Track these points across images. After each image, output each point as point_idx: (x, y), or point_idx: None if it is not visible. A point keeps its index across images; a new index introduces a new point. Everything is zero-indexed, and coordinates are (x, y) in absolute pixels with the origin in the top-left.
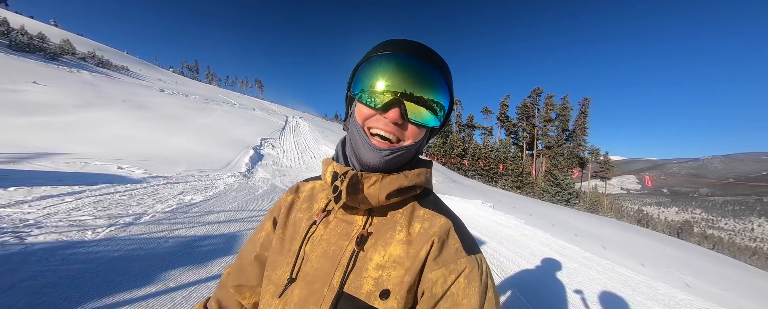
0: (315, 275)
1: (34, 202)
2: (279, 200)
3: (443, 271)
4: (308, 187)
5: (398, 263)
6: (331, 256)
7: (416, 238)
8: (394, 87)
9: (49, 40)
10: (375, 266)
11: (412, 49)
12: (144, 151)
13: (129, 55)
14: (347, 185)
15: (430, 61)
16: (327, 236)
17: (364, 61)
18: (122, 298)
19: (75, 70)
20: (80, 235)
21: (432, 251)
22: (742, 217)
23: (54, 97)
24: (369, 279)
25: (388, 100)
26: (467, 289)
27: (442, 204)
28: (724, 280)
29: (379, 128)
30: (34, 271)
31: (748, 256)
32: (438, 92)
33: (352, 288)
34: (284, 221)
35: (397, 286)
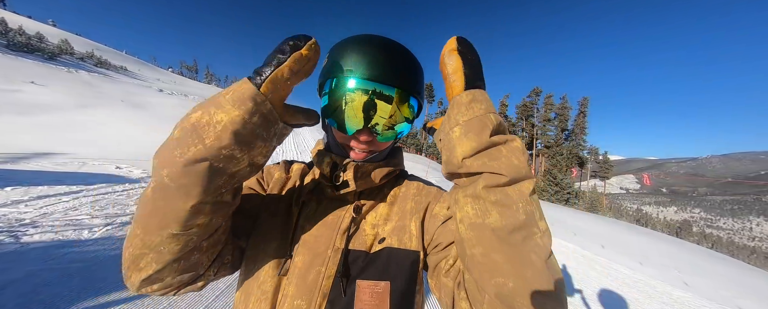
0: (316, 242)
1: (31, 201)
2: (270, 168)
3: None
4: (296, 167)
5: (387, 219)
6: (329, 224)
7: (398, 198)
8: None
9: (47, 40)
10: (370, 226)
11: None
12: (142, 151)
13: (127, 55)
14: (353, 174)
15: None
16: (322, 210)
17: (333, 77)
18: (118, 297)
19: (73, 70)
20: (76, 235)
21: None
22: (740, 216)
23: (52, 97)
24: (368, 236)
25: (356, 128)
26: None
27: (419, 178)
28: (723, 279)
29: (354, 146)
30: (29, 270)
31: (747, 255)
32: (407, 105)
33: (356, 245)
34: (274, 197)
35: (394, 233)
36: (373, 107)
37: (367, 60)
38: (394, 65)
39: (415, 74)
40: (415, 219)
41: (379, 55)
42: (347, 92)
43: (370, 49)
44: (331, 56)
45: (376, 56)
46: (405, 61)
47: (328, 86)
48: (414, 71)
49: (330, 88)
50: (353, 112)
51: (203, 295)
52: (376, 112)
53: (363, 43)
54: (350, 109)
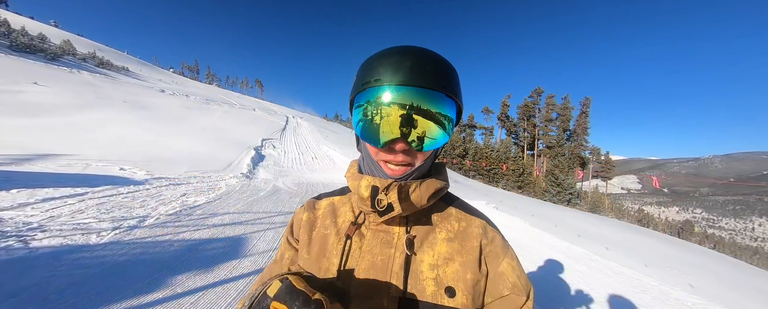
0: (368, 289)
1: (37, 204)
2: (293, 221)
3: (507, 261)
4: (325, 203)
5: (449, 259)
6: (380, 267)
7: (458, 235)
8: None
9: (49, 41)
10: (428, 267)
11: (408, 76)
12: (145, 152)
13: (129, 56)
14: (398, 195)
15: (431, 83)
16: (368, 248)
17: (361, 90)
18: (130, 305)
19: (76, 70)
20: (85, 239)
21: (484, 248)
22: (742, 216)
23: (55, 97)
24: (428, 281)
25: (390, 138)
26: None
27: (467, 204)
28: (727, 281)
29: (389, 161)
30: (40, 277)
31: (750, 256)
32: (444, 108)
33: (414, 292)
34: (307, 241)
35: (461, 282)
36: (406, 115)
37: (392, 67)
38: (422, 67)
39: (448, 75)
40: (483, 270)
41: (404, 59)
42: (374, 103)
43: (394, 56)
44: (359, 73)
45: (401, 61)
46: (434, 63)
47: (356, 102)
48: (446, 71)
49: (358, 102)
50: (383, 122)
51: (215, 303)
52: (411, 119)
53: (386, 53)
54: (379, 121)
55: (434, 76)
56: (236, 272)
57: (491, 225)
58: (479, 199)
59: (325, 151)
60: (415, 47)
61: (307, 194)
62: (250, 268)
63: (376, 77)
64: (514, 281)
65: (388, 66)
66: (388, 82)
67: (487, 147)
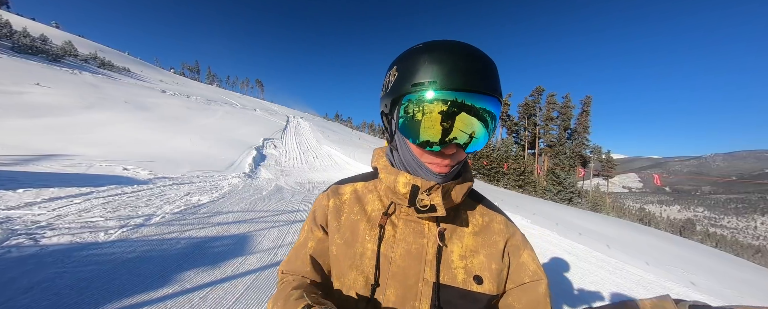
0: (405, 274)
1: (43, 203)
2: (317, 206)
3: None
4: (348, 189)
5: (474, 251)
6: (415, 255)
7: (483, 229)
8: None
9: (51, 42)
10: (458, 257)
11: (464, 79)
12: (148, 152)
13: (130, 56)
14: (442, 197)
15: (486, 88)
16: (402, 236)
17: (412, 91)
18: (140, 300)
19: (77, 71)
20: (93, 237)
21: (509, 240)
22: (744, 214)
23: (57, 98)
24: (459, 270)
25: (442, 140)
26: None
27: (489, 200)
28: (729, 279)
29: (436, 162)
30: (51, 273)
31: (751, 254)
32: (493, 109)
33: (446, 279)
34: (337, 226)
35: (487, 271)
36: (460, 118)
37: (448, 68)
38: (477, 69)
39: (496, 75)
40: (505, 261)
41: (460, 61)
42: (428, 103)
43: (450, 57)
44: (403, 68)
45: (458, 63)
46: (485, 64)
47: (405, 100)
48: (495, 72)
49: (408, 100)
50: (437, 123)
51: (224, 298)
52: (463, 120)
53: (441, 51)
54: (433, 121)
55: (488, 79)
56: (243, 268)
57: (510, 220)
58: None
59: (327, 151)
60: (464, 45)
61: (310, 193)
62: (256, 265)
63: (431, 79)
64: (534, 270)
65: (443, 67)
66: (445, 86)
67: (487, 146)
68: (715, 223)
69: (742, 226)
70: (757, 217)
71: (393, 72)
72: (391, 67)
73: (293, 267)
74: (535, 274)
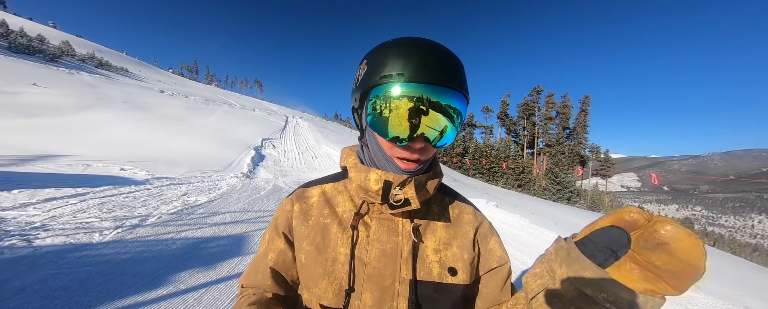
0: (381, 275)
1: (38, 204)
2: (280, 213)
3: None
4: (316, 191)
5: (448, 244)
6: (390, 254)
7: (454, 221)
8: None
9: (48, 42)
10: (432, 251)
11: (426, 73)
12: (145, 152)
13: (128, 56)
14: (416, 190)
15: (453, 82)
16: (375, 236)
17: (380, 83)
18: (134, 301)
19: (74, 71)
20: (88, 238)
21: (478, 229)
22: (742, 213)
23: (54, 98)
24: (434, 264)
25: (412, 135)
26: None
27: (456, 192)
28: (727, 278)
29: (405, 157)
30: (44, 275)
31: (749, 253)
32: (459, 106)
33: (422, 275)
34: (305, 232)
35: (460, 262)
36: (427, 112)
37: (416, 62)
38: (445, 65)
39: (463, 73)
40: (476, 250)
41: (428, 56)
42: (397, 98)
43: (418, 51)
44: (372, 61)
45: (426, 58)
46: (452, 61)
47: (373, 94)
48: (462, 69)
49: (376, 95)
50: (405, 118)
51: (219, 299)
52: (431, 116)
53: (408, 46)
54: (401, 116)
55: (455, 75)
56: (239, 269)
57: (478, 210)
58: (479, 198)
59: (326, 151)
60: (432, 42)
61: None
62: None
63: (399, 72)
64: (500, 255)
65: (411, 61)
66: (412, 79)
67: (487, 145)
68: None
69: (740, 224)
70: (755, 215)
71: (363, 66)
72: (362, 62)
73: (253, 280)
74: (501, 259)
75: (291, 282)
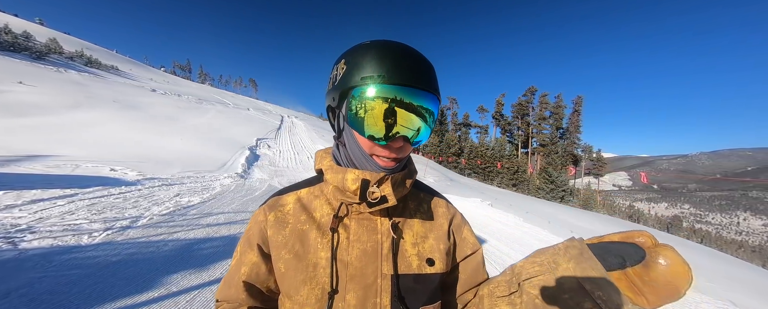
0: (363, 274)
1: (24, 206)
2: (253, 224)
3: (466, 228)
4: (291, 198)
5: (424, 237)
6: (371, 253)
7: (430, 215)
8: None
9: (34, 39)
10: (411, 245)
11: (405, 75)
12: (137, 152)
13: (118, 55)
14: (393, 187)
15: (428, 85)
16: (355, 237)
17: (360, 84)
18: (125, 304)
19: (62, 69)
20: (76, 240)
21: (452, 220)
22: (728, 211)
23: (41, 97)
24: (413, 257)
25: (393, 133)
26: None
27: (428, 186)
28: (714, 274)
29: (384, 156)
30: (30, 278)
31: (734, 249)
32: (433, 106)
33: (402, 269)
34: (282, 241)
35: (437, 252)
36: (405, 112)
37: (395, 65)
38: (420, 68)
39: (435, 76)
40: (451, 240)
41: (406, 59)
42: (377, 99)
43: (396, 55)
44: (351, 62)
45: (404, 61)
46: (426, 64)
47: (355, 93)
48: (434, 72)
49: (357, 95)
50: (385, 118)
51: (211, 301)
52: (408, 117)
53: (387, 49)
54: (381, 116)
55: (429, 77)
56: None
57: (450, 203)
58: (475, 197)
59: None
60: (408, 47)
61: None
62: None
63: (378, 73)
64: (473, 242)
65: (390, 63)
66: (391, 81)
67: (482, 145)
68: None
69: (726, 222)
70: (740, 213)
71: (341, 65)
72: (339, 61)
73: (227, 295)
74: (474, 246)
75: (267, 293)
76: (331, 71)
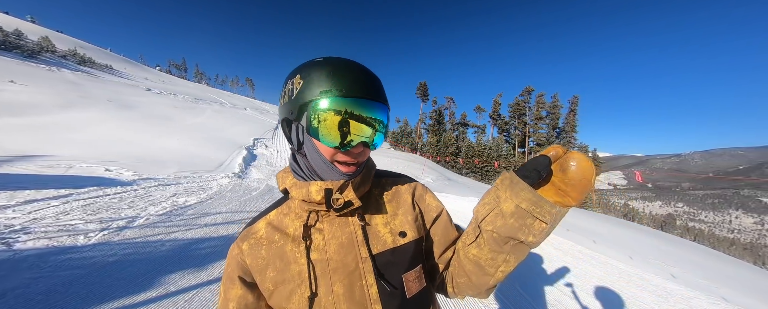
0: (344, 263)
1: (18, 206)
2: (229, 260)
3: (428, 195)
4: (261, 224)
5: (393, 214)
6: (347, 244)
7: (394, 195)
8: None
9: (26, 38)
10: (383, 225)
11: (359, 89)
12: (132, 152)
13: (112, 53)
14: (355, 191)
15: (380, 97)
16: (330, 236)
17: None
18: (123, 303)
19: (55, 68)
20: (72, 240)
21: (414, 192)
22: (720, 209)
23: (34, 96)
24: (387, 235)
25: (354, 141)
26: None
27: (391, 171)
28: (706, 270)
29: (345, 161)
30: (25, 279)
31: (727, 247)
32: (385, 116)
33: (378, 247)
34: (262, 263)
35: (407, 224)
36: (365, 122)
37: (350, 80)
38: (372, 83)
39: (383, 88)
40: (417, 210)
41: (360, 74)
42: (334, 111)
43: (350, 71)
44: (308, 77)
45: (358, 76)
46: (375, 78)
47: (314, 106)
48: (382, 85)
49: (316, 108)
50: (342, 127)
51: (210, 300)
52: (363, 125)
53: (341, 66)
54: (338, 126)
55: (380, 90)
56: None
57: (411, 178)
58: (472, 196)
59: None
60: (358, 63)
61: None
62: None
63: (337, 87)
64: (436, 205)
65: (345, 78)
66: (348, 94)
67: (479, 145)
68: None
69: (719, 220)
70: (732, 211)
71: (297, 80)
72: (293, 76)
73: None
74: (437, 208)
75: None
76: (285, 85)
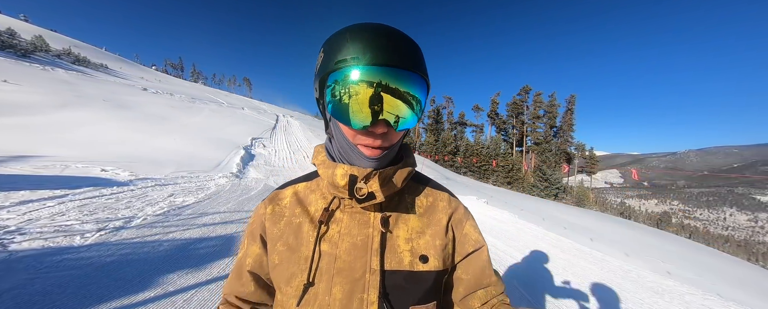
0: (351, 267)
1: (12, 207)
2: (255, 217)
3: (469, 223)
4: (289, 192)
5: (420, 232)
6: (361, 247)
7: (428, 210)
8: (374, 101)
9: (19, 36)
10: (404, 241)
11: (387, 56)
12: (128, 152)
13: (107, 52)
14: (380, 183)
15: (407, 63)
16: (346, 230)
17: (335, 68)
18: (120, 304)
19: (49, 67)
20: (68, 241)
21: (451, 217)
22: (715, 207)
23: (27, 96)
24: (405, 253)
25: (371, 118)
26: (475, 228)
27: (432, 180)
28: (701, 267)
29: (368, 144)
30: (22, 279)
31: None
32: (418, 88)
33: (393, 264)
34: (278, 234)
35: (432, 249)
36: (384, 95)
37: (370, 45)
38: (399, 48)
39: (420, 55)
40: (450, 235)
41: (381, 38)
42: (354, 83)
43: (371, 35)
44: (328, 48)
45: (380, 40)
46: (408, 43)
47: (331, 80)
48: (418, 51)
49: (333, 81)
50: (363, 103)
51: (209, 300)
52: (389, 100)
53: (362, 30)
54: (359, 101)
55: (410, 56)
56: (229, 269)
57: (454, 196)
58: (470, 195)
59: None
60: (386, 26)
61: None
62: None
63: (353, 56)
64: (476, 238)
65: (365, 44)
66: (367, 62)
67: (477, 144)
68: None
69: (713, 217)
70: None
71: (320, 54)
72: (320, 50)
73: (234, 288)
74: (477, 243)
75: (270, 284)
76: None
